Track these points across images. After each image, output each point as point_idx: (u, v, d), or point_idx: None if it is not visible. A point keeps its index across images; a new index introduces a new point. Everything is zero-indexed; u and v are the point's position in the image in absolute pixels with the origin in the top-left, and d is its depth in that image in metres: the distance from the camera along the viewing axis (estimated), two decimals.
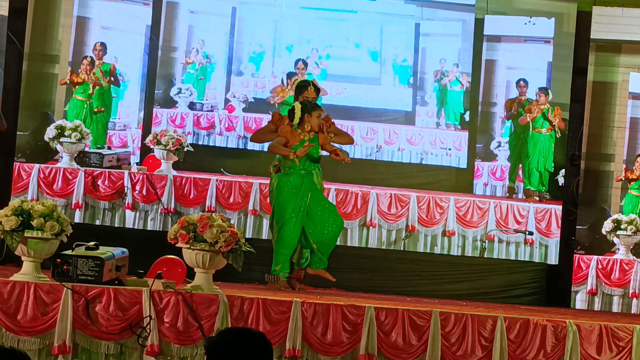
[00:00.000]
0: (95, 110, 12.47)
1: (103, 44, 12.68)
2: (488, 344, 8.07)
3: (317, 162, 9.76)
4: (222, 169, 11.61)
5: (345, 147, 10.20)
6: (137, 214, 11.65)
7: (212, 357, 4.18)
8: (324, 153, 9.78)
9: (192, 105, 13.27)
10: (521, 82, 13.01)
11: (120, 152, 12.45)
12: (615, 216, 11.93)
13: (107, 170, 11.68)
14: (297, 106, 9.72)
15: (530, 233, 12.00)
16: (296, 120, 9.63)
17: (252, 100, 13.23)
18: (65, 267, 7.71)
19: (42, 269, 7.96)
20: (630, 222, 11.79)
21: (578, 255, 11.63)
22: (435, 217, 11.78)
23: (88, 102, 12.45)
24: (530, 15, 13.01)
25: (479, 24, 13.15)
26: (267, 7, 13.31)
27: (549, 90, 12.86)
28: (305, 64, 12.99)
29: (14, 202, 7.82)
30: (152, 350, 7.73)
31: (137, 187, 11.56)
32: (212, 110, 13.36)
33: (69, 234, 7.85)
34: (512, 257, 11.97)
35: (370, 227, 11.86)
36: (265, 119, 12.74)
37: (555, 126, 12.53)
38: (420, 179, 12.98)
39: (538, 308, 9.81)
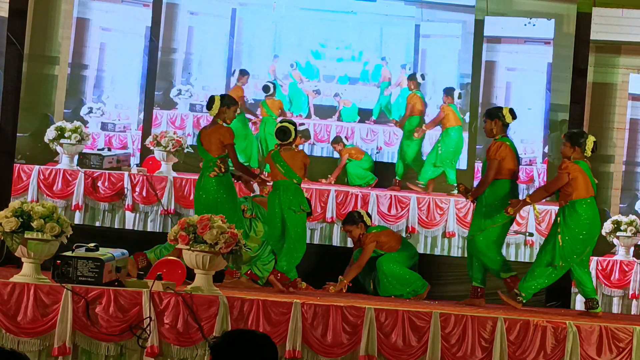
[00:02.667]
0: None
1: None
2: (488, 345, 8.06)
3: None
4: None
5: None
6: (137, 215, 11.64)
7: (217, 358, 4.19)
8: None
9: (192, 107, 13.27)
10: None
11: (120, 154, 12.45)
12: (615, 217, 11.93)
13: (107, 171, 11.68)
14: None
15: (530, 234, 11.98)
16: None
17: (252, 101, 13.23)
18: (65, 268, 7.70)
19: (42, 270, 7.96)
20: (630, 223, 11.79)
21: None
22: (436, 218, 11.78)
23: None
24: (530, 16, 13.01)
25: (479, 25, 13.15)
26: (266, 8, 13.31)
27: (454, 91, 12.93)
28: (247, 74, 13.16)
29: (14, 203, 7.80)
30: (152, 351, 7.72)
31: (137, 189, 11.56)
32: None
33: (69, 236, 7.84)
34: (512, 259, 11.94)
35: None
36: None
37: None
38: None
39: (538, 309, 9.79)
